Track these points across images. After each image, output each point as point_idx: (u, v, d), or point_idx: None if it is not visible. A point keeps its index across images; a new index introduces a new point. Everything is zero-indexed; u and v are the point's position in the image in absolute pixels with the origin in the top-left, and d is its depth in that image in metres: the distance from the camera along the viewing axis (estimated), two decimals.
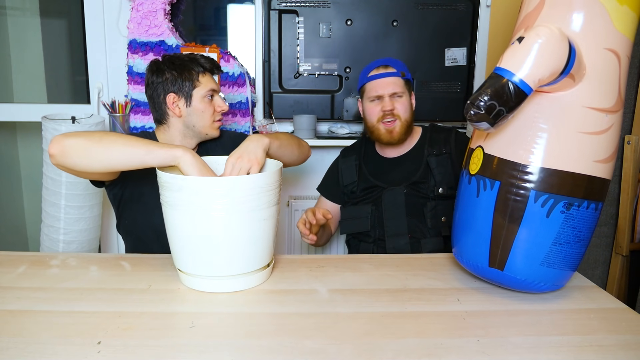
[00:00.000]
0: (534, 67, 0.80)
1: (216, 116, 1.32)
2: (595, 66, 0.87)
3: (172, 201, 0.92)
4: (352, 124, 2.04)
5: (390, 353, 0.74)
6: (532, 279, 0.91)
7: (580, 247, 0.92)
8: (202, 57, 1.31)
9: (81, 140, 1.00)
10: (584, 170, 0.87)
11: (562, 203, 0.87)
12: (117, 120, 1.84)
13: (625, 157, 1.62)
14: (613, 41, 0.88)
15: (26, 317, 0.83)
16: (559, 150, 0.87)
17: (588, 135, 0.87)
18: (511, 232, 0.90)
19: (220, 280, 0.95)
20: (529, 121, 0.89)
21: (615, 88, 0.89)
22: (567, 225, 0.88)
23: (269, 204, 0.96)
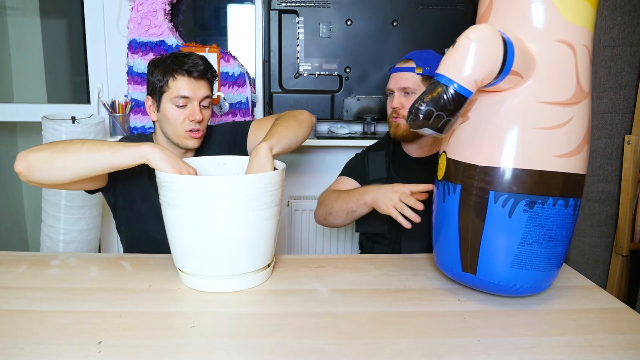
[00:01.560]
0: (468, 70, 0.79)
1: (186, 125, 1.18)
2: (546, 60, 0.86)
3: (172, 201, 0.92)
4: (352, 124, 2.05)
5: (391, 353, 0.74)
6: (506, 282, 0.89)
7: (554, 245, 0.88)
8: (192, 58, 1.19)
9: (45, 153, 0.97)
10: (543, 167, 0.85)
11: (523, 202, 0.85)
12: (117, 120, 1.84)
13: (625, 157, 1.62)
14: (563, 32, 0.86)
15: (26, 317, 0.83)
16: (514, 148, 0.86)
17: (544, 131, 0.85)
18: (476, 235, 0.89)
19: (221, 280, 0.95)
20: (483, 121, 0.88)
21: (572, 80, 0.87)
22: (532, 225, 0.86)
23: (270, 204, 0.96)
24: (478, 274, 0.91)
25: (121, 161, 0.98)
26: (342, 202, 1.31)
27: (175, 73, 1.17)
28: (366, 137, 1.95)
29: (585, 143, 0.90)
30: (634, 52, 1.59)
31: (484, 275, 0.90)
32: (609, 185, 1.67)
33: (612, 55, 1.59)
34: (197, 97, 1.19)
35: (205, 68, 1.20)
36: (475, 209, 0.88)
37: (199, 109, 1.20)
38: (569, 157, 0.87)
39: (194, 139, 1.21)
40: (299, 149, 2.06)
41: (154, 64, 1.21)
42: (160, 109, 1.20)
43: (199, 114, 1.19)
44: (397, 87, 1.37)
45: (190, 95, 1.18)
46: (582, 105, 0.88)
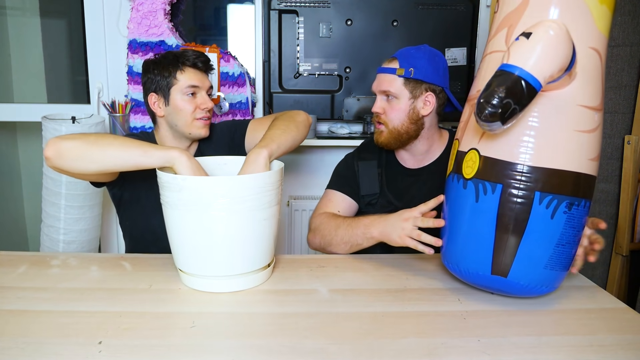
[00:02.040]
0: (544, 63, 0.77)
1: (198, 114, 1.23)
2: (583, 65, 0.87)
3: (173, 201, 0.92)
4: (352, 124, 2.04)
5: (391, 353, 0.74)
6: (535, 284, 0.89)
7: (575, 246, 0.91)
8: (191, 52, 1.25)
9: (77, 143, 1.00)
10: (582, 169, 0.87)
11: (565, 203, 0.86)
12: (117, 120, 1.84)
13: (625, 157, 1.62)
14: (596, 40, 0.88)
15: (27, 317, 0.83)
16: (558, 149, 0.86)
17: (582, 134, 0.86)
18: (517, 236, 0.87)
19: (221, 280, 0.95)
20: (526, 121, 0.87)
21: (599, 87, 0.89)
22: (569, 226, 0.87)
23: (270, 204, 0.96)
24: (510, 276, 0.89)
25: (149, 162, 1.00)
26: (343, 234, 1.16)
27: (183, 66, 1.22)
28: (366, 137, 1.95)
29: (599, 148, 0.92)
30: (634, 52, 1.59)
31: (516, 277, 0.88)
32: (609, 185, 1.67)
33: (612, 55, 1.59)
34: (205, 87, 1.25)
35: (207, 60, 1.27)
36: (518, 209, 0.86)
37: (207, 97, 1.26)
38: (596, 161, 0.90)
39: (206, 126, 1.26)
40: (299, 149, 2.07)
41: (153, 63, 1.25)
42: (170, 102, 1.24)
43: (210, 102, 1.26)
44: (378, 89, 1.25)
45: (199, 84, 1.24)
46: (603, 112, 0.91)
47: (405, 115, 1.22)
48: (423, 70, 1.20)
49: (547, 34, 0.78)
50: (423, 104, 1.22)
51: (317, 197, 2.07)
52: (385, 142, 1.26)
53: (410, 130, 1.23)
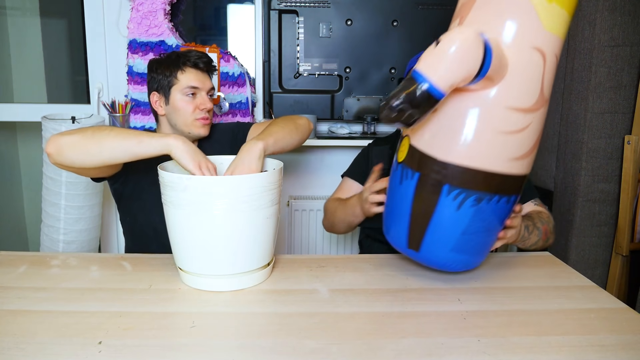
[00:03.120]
0: (447, 73, 0.79)
1: (197, 114, 1.25)
2: (519, 65, 0.87)
3: (176, 201, 0.92)
4: (352, 124, 2.05)
5: (391, 353, 0.74)
6: (444, 262, 0.98)
7: (489, 235, 0.98)
8: (194, 52, 1.26)
9: (75, 137, 1.01)
10: (499, 169, 0.90)
11: (472, 197, 0.90)
12: (117, 120, 1.84)
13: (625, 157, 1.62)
14: (541, 40, 0.87)
15: (27, 317, 0.83)
16: (476, 148, 0.89)
17: (506, 135, 0.88)
18: (426, 219, 0.94)
19: (221, 279, 0.95)
20: (449, 117, 0.90)
21: (537, 87, 0.89)
22: (477, 218, 0.92)
23: (271, 203, 0.96)
24: (421, 251, 0.98)
25: (145, 151, 1.00)
26: (340, 214, 1.37)
27: (184, 66, 1.24)
28: (366, 137, 1.95)
29: (536, 146, 0.93)
30: (634, 52, 1.59)
31: (425, 253, 0.98)
32: (609, 185, 1.67)
33: (612, 55, 1.59)
34: (205, 88, 1.27)
35: (209, 61, 1.28)
36: (428, 198, 0.93)
37: (207, 98, 1.28)
38: (523, 159, 0.92)
39: (205, 126, 1.28)
40: (299, 149, 2.07)
41: (157, 62, 1.27)
42: (170, 101, 1.25)
43: (209, 103, 1.27)
44: None
45: (199, 85, 1.25)
46: (541, 112, 0.91)
47: None
48: None
49: (451, 45, 0.79)
50: None
51: (317, 197, 2.08)
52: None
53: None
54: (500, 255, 1.21)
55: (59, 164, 1.04)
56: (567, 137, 1.72)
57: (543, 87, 0.89)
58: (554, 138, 1.81)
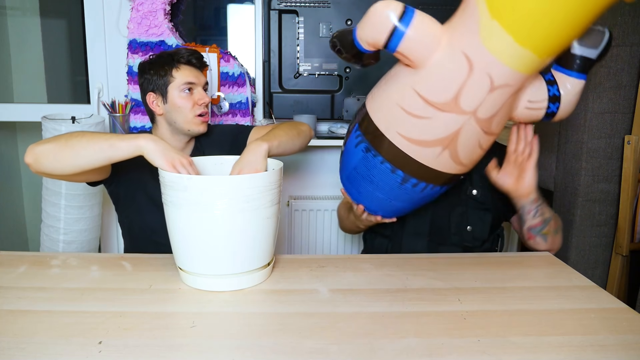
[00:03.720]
0: (361, 27, 0.93)
1: (196, 110, 1.26)
2: (441, 60, 0.90)
3: (176, 200, 0.92)
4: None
5: (391, 353, 0.74)
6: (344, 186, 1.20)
7: (374, 188, 1.09)
8: (184, 49, 1.28)
9: (50, 146, 1.02)
10: (387, 134, 1.00)
11: (363, 144, 1.06)
12: (117, 120, 1.84)
13: (625, 157, 1.62)
14: (471, 50, 0.87)
15: (27, 317, 0.83)
16: (378, 104, 1.03)
17: (402, 111, 0.97)
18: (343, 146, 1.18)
19: (221, 279, 0.95)
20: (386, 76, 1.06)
21: (450, 89, 0.91)
22: (363, 164, 1.07)
23: (272, 202, 0.96)
24: (340, 167, 1.21)
25: (117, 154, 1.01)
26: (348, 223, 1.41)
27: (178, 64, 1.25)
28: None
29: (439, 144, 0.98)
30: (634, 52, 1.59)
31: (340, 170, 1.20)
32: (609, 185, 1.67)
33: (612, 55, 1.59)
34: (200, 83, 1.28)
35: (201, 57, 1.30)
36: (350, 127, 1.14)
37: (204, 93, 1.28)
38: (414, 145, 0.98)
39: (203, 123, 1.29)
40: None
41: (149, 63, 1.29)
42: (168, 100, 1.26)
43: (207, 97, 1.28)
44: None
45: (195, 81, 1.26)
46: (447, 116, 0.93)
47: None
48: None
49: (372, 7, 0.90)
50: None
51: (317, 197, 2.08)
52: None
53: None
54: (501, 255, 1.21)
55: (40, 173, 1.04)
56: (567, 137, 1.72)
57: (459, 95, 0.90)
58: (554, 138, 1.81)
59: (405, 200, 1.10)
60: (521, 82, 0.91)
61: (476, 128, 0.95)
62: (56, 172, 1.04)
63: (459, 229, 1.29)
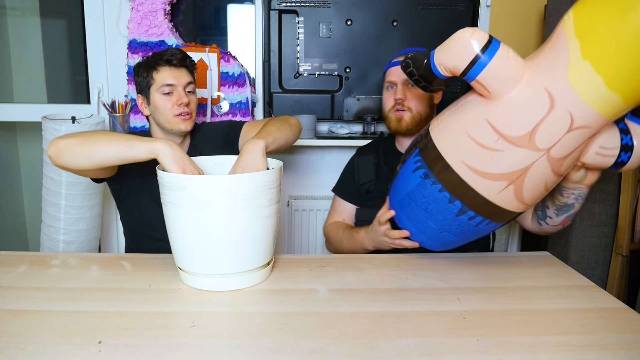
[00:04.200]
0: (440, 51, 0.94)
1: (175, 110, 1.27)
2: (521, 94, 0.88)
3: (175, 200, 0.92)
4: (352, 124, 2.04)
5: (391, 352, 0.75)
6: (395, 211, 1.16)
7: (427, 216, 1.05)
8: (169, 50, 1.29)
9: (72, 141, 1.04)
10: (451, 163, 0.97)
11: (423, 170, 1.03)
12: (117, 120, 1.84)
13: None
14: (555, 87, 0.85)
15: (27, 316, 0.83)
16: (443, 129, 1.00)
17: (471, 141, 0.93)
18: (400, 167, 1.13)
19: (221, 279, 0.95)
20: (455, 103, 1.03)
21: (527, 124, 0.88)
22: (419, 191, 1.04)
23: (271, 202, 0.96)
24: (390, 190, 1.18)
25: (134, 155, 1.02)
26: (347, 246, 1.37)
27: (157, 65, 1.27)
28: (366, 137, 1.95)
29: (505, 179, 0.93)
30: None
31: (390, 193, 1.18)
32: (609, 185, 1.67)
33: None
34: (181, 84, 1.28)
35: (183, 56, 1.30)
36: (407, 151, 1.11)
37: (184, 93, 1.29)
38: (480, 176, 0.94)
39: (185, 121, 1.29)
40: (299, 149, 2.07)
41: (138, 65, 1.32)
42: (151, 101, 1.30)
43: (185, 97, 1.28)
44: (402, 78, 1.36)
45: (174, 82, 1.27)
46: (521, 152, 0.90)
47: (425, 100, 1.37)
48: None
49: (457, 33, 0.90)
50: (436, 93, 1.38)
51: (317, 197, 2.08)
52: (407, 127, 1.38)
53: (428, 114, 1.38)
54: (501, 255, 1.21)
55: (59, 166, 1.07)
56: None
57: (536, 131, 0.88)
58: None
59: (456, 233, 1.06)
60: (601, 125, 0.89)
61: (546, 167, 0.92)
62: (74, 167, 1.06)
63: None
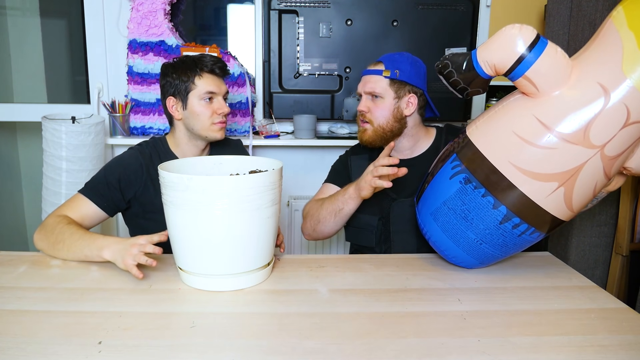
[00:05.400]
0: (485, 48, 0.91)
1: (215, 118, 1.27)
2: (572, 91, 0.87)
3: (176, 201, 0.92)
4: (352, 124, 2.04)
5: (391, 353, 0.74)
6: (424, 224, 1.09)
7: (466, 225, 0.99)
8: (209, 57, 1.27)
9: (43, 245, 1.11)
10: (496, 163, 0.93)
11: (463, 175, 0.98)
12: (117, 120, 1.84)
13: None
14: (610, 80, 0.85)
15: (27, 317, 0.83)
16: (486, 130, 0.96)
17: (517, 138, 0.91)
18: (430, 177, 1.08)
19: (223, 279, 0.95)
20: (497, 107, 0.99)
21: (582, 122, 0.86)
22: (459, 197, 0.98)
23: (272, 202, 0.96)
24: (418, 205, 1.12)
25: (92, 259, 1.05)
26: (327, 205, 1.28)
27: (201, 72, 1.26)
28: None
29: (557, 179, 0.90)
30: None
31: (420, 207, 1.10)
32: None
33: None
34: (221, 92, 1.29)
35: (224, 66, 1.30)
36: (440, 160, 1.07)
37: (224, 103, 1.29)
38: (525, 176, 0.91)
39: (222, 129, 1.30)
40: (299, 149, 2.07)
41: (172, 67, 1.27)
42: (188, 106, 1.26)
43: (226, 107, 1.29)
44: (364, 90, 1.30)
45: (216, 90, 1.27)
46: (575, 148, 0.87)
47: (390, 113, 1.28)
48: (407, 73, 1.28)
49: (503, 29, 0.89)
50: (406, 105, 1.29)
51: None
52: (369, 140, 1.31)
53: (394, 128, 1.30)
54: None
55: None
56: None
57: (590, 126, 0.86)
58: None
59: (497, 245, 0.99)
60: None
61: (599, 166, 0.89)
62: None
63: None
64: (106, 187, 1.19)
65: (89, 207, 1.17)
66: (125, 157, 1.25)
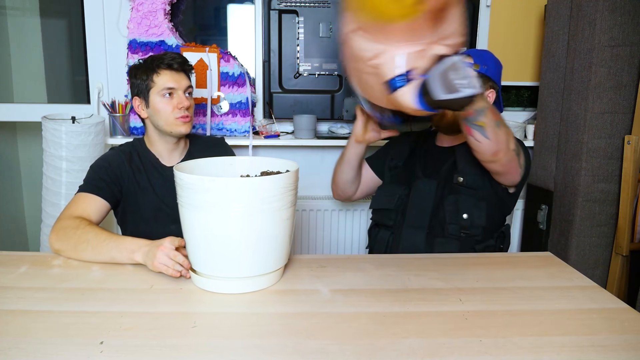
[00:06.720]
0: None
1: (176, 113, 1.29)
2: None
3: (196, 203, 0.91)
4: (352, 124, 2.04)
5: (392, 353, 0.74)
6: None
7: None
8: (169, 54, 1.30)
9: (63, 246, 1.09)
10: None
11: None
12: (117, 120, 1.84)
13: (625, 157, 1.62)
14: None
15: (28, 317, 0.83)
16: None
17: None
18: None
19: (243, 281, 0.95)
20: None
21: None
22: None
23: (291, 203, 0.96)
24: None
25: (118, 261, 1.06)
26: (339, 159, 1.42)
27: (158, 69, 1.28)
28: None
29: None
30: (634, 52, 1.59)
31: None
32: (609, 185, 1.67)
33: (612, 55, 1.59)
34: (181, 87, 1.30)
35: (183, 61, 1.32)
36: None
37: (184, 97, 1.31)
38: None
39: (185, 123, 1.31)
40: (299, 148, 2.06)
41: (135, 68, 1.32)
42: (150, 104, 1.30)
43: (186, 101, 1.31)
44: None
45: (175, 85, 1.29)
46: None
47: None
48: (492, 70, 1.34)
49: None
50: (486, 94, 1.32)
51: (317, 197, 2.08)
52: (446, 125, 1.35)
53: None
54: (502, 256, 1.21)
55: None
56: (567, 137, 1.72)
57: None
58: (554, 138, 1.81)
59: None
60: None
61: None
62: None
63: (453, 218, 1.27)
64: (100, 179, 1.25)
65: (93, 200, 1.22)
66: (108, 155, 1.34)
